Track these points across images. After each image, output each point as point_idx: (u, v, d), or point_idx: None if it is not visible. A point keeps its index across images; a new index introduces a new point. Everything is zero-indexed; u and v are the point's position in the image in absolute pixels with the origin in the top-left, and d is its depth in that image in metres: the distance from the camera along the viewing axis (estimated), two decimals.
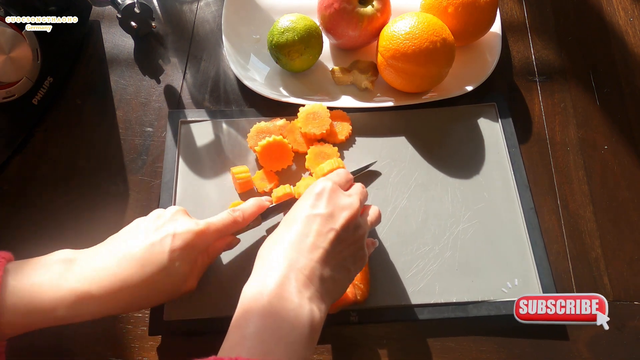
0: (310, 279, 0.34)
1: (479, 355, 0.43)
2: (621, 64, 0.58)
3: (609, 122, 0.54)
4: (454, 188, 0.50)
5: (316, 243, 0.35)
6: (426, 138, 0.53)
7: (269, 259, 0.36)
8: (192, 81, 0.58)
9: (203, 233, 0.39)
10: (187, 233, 0.38)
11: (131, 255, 0.37)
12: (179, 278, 0.38)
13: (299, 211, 0.38)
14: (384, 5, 0.53)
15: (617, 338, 0.43)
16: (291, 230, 0.36)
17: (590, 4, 0.63)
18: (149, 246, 0.37)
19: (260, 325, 0.31)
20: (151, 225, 0.39)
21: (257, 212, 0.44)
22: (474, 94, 0.54)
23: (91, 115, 0.56)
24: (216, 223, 0.41)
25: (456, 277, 0.45)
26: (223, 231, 0.41)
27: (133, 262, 0.36)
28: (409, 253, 0.46)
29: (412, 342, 0.43)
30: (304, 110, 0.51)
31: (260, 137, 0.51)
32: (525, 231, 0.47)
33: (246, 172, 0.49)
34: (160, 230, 0.38)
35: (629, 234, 0.48)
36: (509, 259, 0.46)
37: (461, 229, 0.47)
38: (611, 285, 0.46)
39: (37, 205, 0.50)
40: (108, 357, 0.43)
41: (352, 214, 0.37)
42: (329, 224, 0.36)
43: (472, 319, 0.44)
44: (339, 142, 0.52)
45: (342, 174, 0.42)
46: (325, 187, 0.39)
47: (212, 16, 0.63)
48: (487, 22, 0.54)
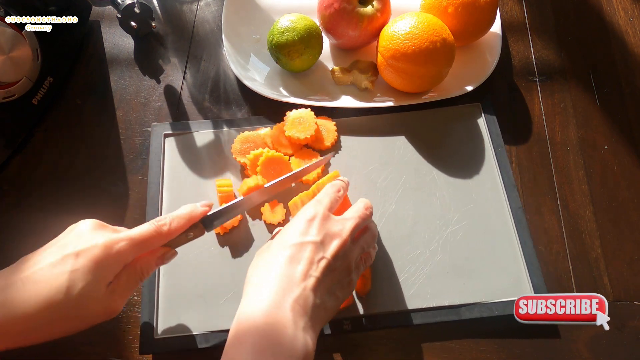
0: (304, 308, 0.33)
1: (479, 355, 0.43)
2: (621, 64, 0.58)
3: (609, 122, 0.54)
4: (442, 190, 0.49)
5: (308, 271, 0.35)
6: (412, 141, 0.52)
7: (260, 285, 0.35)
8: (192, 81, 0.58)
9: (111, 247, 0.35)
10: (93, 248, 0.35)
11: (27, 278, 0.33)
12: (87, 301, 0.34)
13: (289, 236, 0.37)
14: (384, 5, 0.53)
15: (617, 338, 0.43)
16: (281, 256, 0.36)
17: (590, 4, 0.63)
18: (47, 267, 0.34)
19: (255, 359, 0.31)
20: (57, 243, 0.36)
21: (189, 222, 0.39)
22: (475, 93, 0.54)
23: (91, 115, 0.56)
24: (132, 235, 0.37)
25: (448, 280, 0.45)
26: (144, 244, 0.37)
27: (28, 286, 0.33)
28: (400, 258, 0.46)
29: (409, 343, 0.43)
30: (291, 115, 0.51)
31: (245, 147, 0.50)
32: (514, 231, 0.47)
33: (228, 186, 0.48)
34: (63, 248, 0.35)
35: (629, 234, 0.48)
36: (500, 260, 0.46)
37: (450, 231, 0.47)
38: (611, 285, 0.46)
39: (37, 205, 0.50)
40: (108, 357, 0.43)
41: (342, 242, 0.37)
42: (320, 252, 0.36)
43: (468, 321, 0.43)
44: (325, 148, 0.52)
45: (331, 195, 0.41)
46: (317, 214, 0.38)
47: (212, 16, 0.63)
48: (487, 22, 0.54)
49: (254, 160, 0.49)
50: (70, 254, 0.34)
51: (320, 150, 0.52)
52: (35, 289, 0.33)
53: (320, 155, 0.51)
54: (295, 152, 0.51)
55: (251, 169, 0.49)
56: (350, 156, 0.52)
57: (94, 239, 0.35)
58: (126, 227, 0.48)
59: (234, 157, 0.50)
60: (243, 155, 0.50)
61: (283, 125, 0.51)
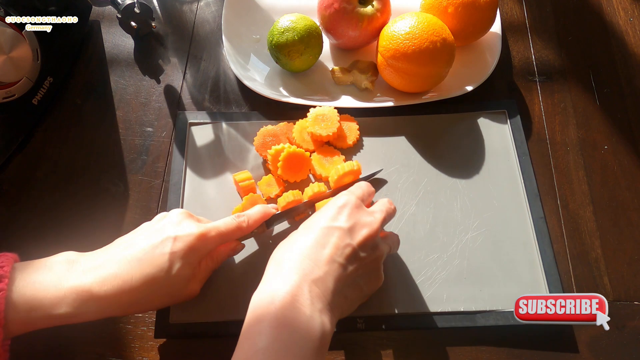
0: (323, 291, 0.34)
1: (480, 355, 0.43)
2: (621, 64, 0.58)
3: (609, 122, 0.54)
4: (463, 195, 0.49)
5: (332, 256, 0.35)
6: (436, 144, 0.52)
7: (282, 264, 0.35)
8: (192, 81, 0.58)
9: (205, 236, 0.39)
10: (189, 236, 0.38)
11: (132, 256, 0.37)
12: (180, 281, 0.38)
13: (318, 221, 0.38)
14: (384, 5, 0.53)
15: (617, 338, 0.43)
16: (308, 239, 0.36)
17: (590, 4, 0.63)
18: (149, 248, 0.37)
19: (272, 337, 0.31)
20: (153, 227, 0.40)
21: (262, 219, 0.44)
22: (476, 94, 0.54)
23: (91, 115, 0.56)
24: (220, 227, 0.40)
25: (464, 286, 0.45)
26: (227, 236, 0.41)
27: (133, 263, 0.37)
28: (417, 260, 0.46)
29: (418, 348, 0.43)
30: (314, 111, 0.51)
31: (267, 141, 0.50)
32: (534, 241, 0.46)
33: (249, 179, 0.49)
34: (162, 232, 0.38)
35: (629, 234, 0.48)
36: (518, 269, 0.45)
37: (470, 237, 0.47)
38: (611, 285, 0.46)
39: (37, 205, 0.50)
40: (108, 357, 0.43)
41: (372, 232, 0.37)
42: (347, 239, 0.36)
43: (481, 328, 0.43)
44: (346, 147, 0.52)
45: (364, 188, 0.42)
46: (348, 201, 0.38)
47: (212, 16, 0.63)
48: (487, 22, 0.54)
49: (276, 156, 0.49)
50: (169, 237, 0.38)
51: (342, 149, 0.52)
52: (140, 266, 0.36)
53: (341, 154, 0.51)
54: (317, 148, 0.51)
55: (272, 163, 0.49)
56: (372, 156, 0.52)
57: (190, 227, 0.39)
58: (127, 227, 0.49)
59: (256, 150, 0.51)
60: (265, 149, 0.50)
61: (306, 121, 0.51)
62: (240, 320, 0.34)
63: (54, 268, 0.36)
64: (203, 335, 0.43)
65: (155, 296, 0.38)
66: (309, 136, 0.52)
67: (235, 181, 0.49)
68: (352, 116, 0.53)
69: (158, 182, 0.51)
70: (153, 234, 0.39)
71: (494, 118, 0.54)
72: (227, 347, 0.36)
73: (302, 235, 0.37)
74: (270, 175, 0.49)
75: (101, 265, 0.37)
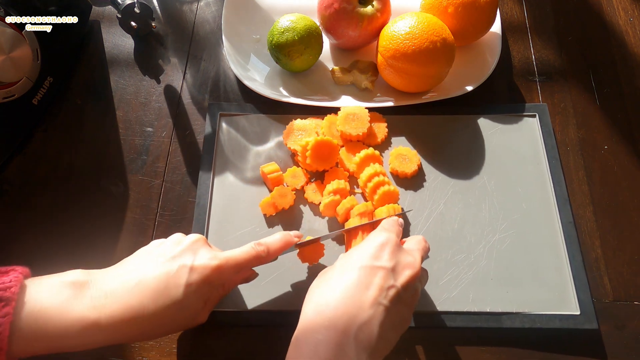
0: (369, 338, 0.32)
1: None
2: (621, 64, 0.58)
3: (609, 122, 0.54)
4: (492, 197, 0.49)
5: (377, 298, 0.33)
6: (466, 145, 0.52)
7: (324, 305, 0.33)
8: (192, 81, 0.58)
9: (221, 269, 0.37)
10: (205, 268, 0.36)
11: (145, 284, 0.35)
12: (192, 313, 0.37)
13: (359, 258, 0.35)
14: (384, 5, 0.53)
15: (617, 338, 0.43)
16: (350, 278, 0.34)
17: (590, 4, 0.63)
18: (164, 276, 0.35)
19: None
20: (168, 251, 0.37)
21: (283, 248, 0.41)
22: (476, 94, 0.54)
23: (91, 115, 0.56)
24: (236, 257, 0.38)
25: (491, 287, 0.44)
26: (243, 265, 0.39)
27: (147, 292, 0.35)
28: (443, 260, 0.46)
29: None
30: (345, 110, 0.51)
31: (296, 135, 0.51)
32: (563, 245, 0.46)
33: (277, 171, 0.49)
34: (177, 259, 0.37)
35: (629, 234, 0.48)
36: (546, 272, 0.45)
37: (497, 238, 0.47)
38: (611, 285, 0.46)
39: (37, 205, 0.50)
40: (108, 357, 0.43)
41: (415, 273, 0.35)
42: (391, 280, 0.34)
43: (506, 330, 0.43)
44: (374, 144, 0.52)
45: (398, 225, 0.40)
46: (389, 239, 0.37)
47: (212, 16, 0.63)
48: (487, 22, 0.54)
49: (305, 146, 0.49)
50: (185, 266, 0.36)
51: (370, 145, 0.52)
52: (153, 297, 0.35)
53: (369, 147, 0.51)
54: (345, 144, 0.51)
55: (302, 155, 0.49)
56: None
57: (207, 258, 0.37)
58: (127, 227, 0.49)
59: (285, 143, 0.51)
60: (293, 142, 0.51)
61: (335, 117, 0.51)
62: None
63: (61, 292, 0.34)
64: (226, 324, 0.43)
65: (165, 327, 0.36)
66: (337, 132, 0.52)
67: (263, 173, 0.49)
68: (382, 115, 0.53)
69: (158, 182, 0.51)
70: (168, 259, 0.37)
71: (524, 121, 0.53)
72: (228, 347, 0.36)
73: (341, 274, 0.35)
74: (294, 167, 0.50)
75: (112, 293, 0.35)
